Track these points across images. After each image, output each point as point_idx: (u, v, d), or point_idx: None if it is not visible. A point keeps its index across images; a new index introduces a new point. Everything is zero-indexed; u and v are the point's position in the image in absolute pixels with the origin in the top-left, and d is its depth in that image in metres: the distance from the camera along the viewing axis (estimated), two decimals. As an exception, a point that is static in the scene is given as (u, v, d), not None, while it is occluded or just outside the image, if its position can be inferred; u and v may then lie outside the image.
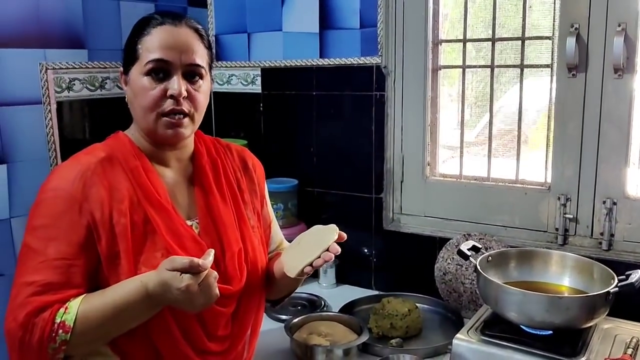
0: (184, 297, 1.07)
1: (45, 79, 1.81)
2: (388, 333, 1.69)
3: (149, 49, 1.19)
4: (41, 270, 1.11)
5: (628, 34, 1.63)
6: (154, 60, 1.19)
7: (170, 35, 1.20)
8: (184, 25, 1.23)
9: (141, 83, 1.20)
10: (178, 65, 1.20)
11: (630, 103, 1.66)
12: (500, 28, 1.88)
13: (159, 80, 1.19)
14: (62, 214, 1.14)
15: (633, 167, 1.70)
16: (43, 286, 1.10)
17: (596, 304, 1.36)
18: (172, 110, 1.20)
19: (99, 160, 1.20)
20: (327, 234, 1.27)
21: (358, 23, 2.04)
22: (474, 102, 1.99)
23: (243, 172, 1.43)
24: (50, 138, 1.82)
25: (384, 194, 2.09)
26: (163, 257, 1.14)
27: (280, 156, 2.31)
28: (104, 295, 1.12)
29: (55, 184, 1.17)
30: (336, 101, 2.14)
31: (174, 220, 1.22)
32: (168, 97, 1.19)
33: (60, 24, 1.85)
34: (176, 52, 1.20)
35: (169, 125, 1.21)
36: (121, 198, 1.17)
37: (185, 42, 1.21)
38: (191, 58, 1.22)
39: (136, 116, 1.25)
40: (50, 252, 1.12)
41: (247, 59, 2.33)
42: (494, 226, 1.91)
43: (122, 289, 1.11)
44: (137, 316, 1.13)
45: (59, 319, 1.08)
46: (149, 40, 1.20)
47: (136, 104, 1.22)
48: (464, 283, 1.85)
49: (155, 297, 1.09)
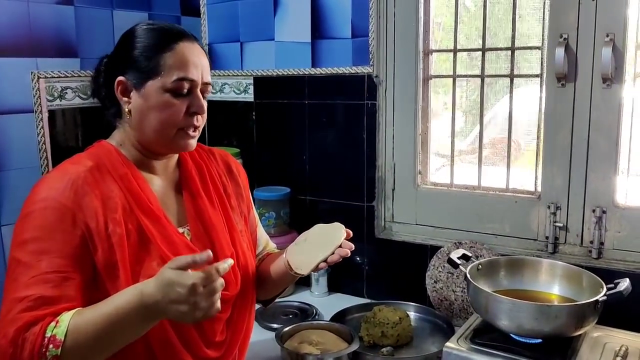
0: (185, 300, 1.00)
1: (37, 88, 1.81)
2: (379, 341, 1.69)
3: (175, 67, 1.19)
4: (33, 285, 1.07)
5: (616, 44, 1.64)
6: (182, 79, 1.19)
7: (192, 54, 1.22)
8: (196, 43, 1.25)
9: (163, 98, 1.19)
10: (199, 83, 1.23)
11: (619, 112, 1.68)
12: (492, 38, 1.89)
13: (180, 96, 1.20)
14: (54, 225, 1.10)
15: (622, 175, 1.71)
16: (35, 301, 1.05)
17: (585, 313, 1.37)
18: (192, 126, 1.23)
19: (88, 168, 1.18)
20: (334, 231, 1.28)
21: (350, 33, 2.06)
22: (468, 110, 2.00)
23: (228, 176, 1.43)
24: (41, 146, 1.82)
25: (376, 202, 2.09)
26: (159, 267, 1.11)
27: (272, 164, 2.31)
28: (97, 307, 1.06)
29: (44, 194, 1.13)
30: (328, 110, 2.15)
31: (167, 228, 1.22)
32: (190, 113, 1.22)
33: (52, 32, 1.85)
34: (199, 71, 1.22)
35: (186, 138, 1.23)
36: (114, 207, 1.16)
37: (203, 61, 1.24)
38: (208, 77, 1.26)
39: (146, 128, 1.22)
40: (43, 266, 1.08)
41: (239, 68, 2.33)
42: (484, 234, 1.92)
43: (117, 299, 1.06)
44: (130, 329, 1.06)
45: (50, 333, 1.02)
46: (173, 57, 1.20)
47: (153, 117, 1.20)
48: (455, 291, 1.85)
49: (151, 306, 1.02)
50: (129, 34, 1.25)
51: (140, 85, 1.20)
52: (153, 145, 1.25)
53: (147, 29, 1.23)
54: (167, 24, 1.26)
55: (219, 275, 1.04)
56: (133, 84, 1.21)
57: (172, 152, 1.29)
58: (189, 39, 1.24)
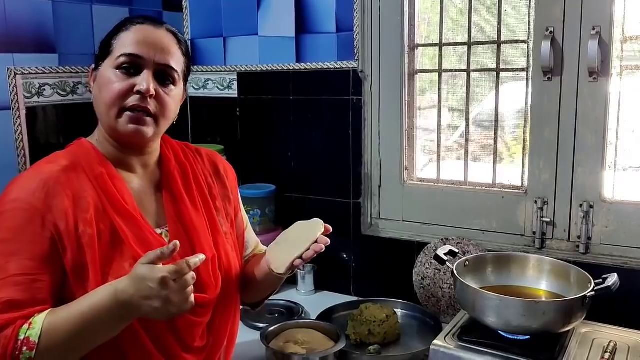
0: (157, 294, 1.00)
1: (14, 85, 1.76)
2: (366, 340, 1.68)
3: (124, 44, 1.17)
4: (2, 288, 1.04)
5: (602, 37, 1.63)
6: (126, 54, 1.16)
7: (148, 34, 1.19)
8: (164, 28, 1.22)
9: (110, 75, 1.16)
10: (151, 63, 1.17)
11: (606, 106, 1.67)
12: (478, 32, 1.87)
13: (128, 75, 1.16)
14: (23, 226, 1.08)
15: (609, 170, 1.70)
16: (4, 304, 1.03)
17: (573, 308, 1.36)
18: (136, 106, 1.16)
19: (62, 168, 1.15)
20: (312, 227, 1.26)
21: (334, 27, 2.03)
22: (455, 107, 1.98)
23: (215, 177, 1.40)
24: (19, 144, 1.78)
25: (362, 199, 2.07)
26: (131, 267, 1.09)
27: (257, 161, 2.28)
28: (70, 307, 1.05)
29: (15, 195, 1.10)
30: (313, 106, 2.12)
31: (142, 228, 1.18)
32: (135, 92, 1.16)
33: (29, 27, 1.81)
34: (151, 49, 1.17)
35: (131, 121, 1.16)
36: (86, 207, 1.13)
37: (162, 42, 1.20)
38: (165, 58, 1.19)
39: (100, 114, 1.20)
40: (12, 268, 1.05)
41: (223, 64, 2.30)
42: (471, 230, 1.91)
43: (91, 298, 1.05)
44: (105, 327, 1.05)
45: (23, 335, 1.01)
46: (125, 36, 1.18)
47: (100, 99, 1.18)
48: (442, 288, 1.84)
49: (125, 303, 1.02)
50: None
51: (98, 67, 1.20)
52: (109, 132, 1.21)
53: (121, 20, 1.23)
54: (144, 16, 1.25)
55: (189, 269, 1.03)
56: (95, 68, 1.21)
57: (124, 138, 1.20)
58: (153, 24, 1.21)
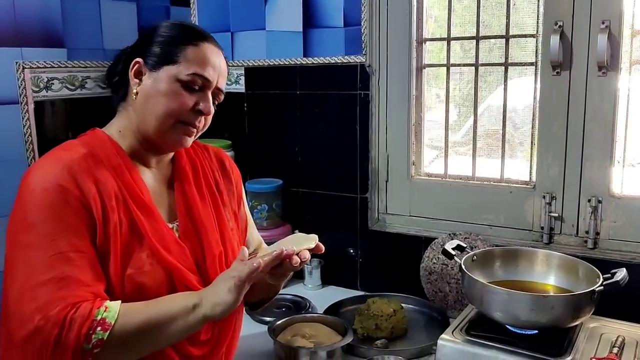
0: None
1: (23, 79, 1.77)
2: (373, 334, 1.68)
3: (195, 61, 1.20)
4: (56, 265, 1.03)
5: (612, 32, 1.62)
6: (198, 74, 1.20)
7: (216, 57, 1.24)
8: (221, 51, 1.28)
9: (173, 87, 1.19)
10: (212, 85, 1.23)
11: (615, 101, 1.66)
12: (486, 27, 1.86)
13: (191, 91, 1.20)
14: (61, 207, 1.06)
15: (618, 165, 1.69)
16: (64, 280, 1.02)
17: (581, 303, 1.35)
18: (193, 124, 1.22)
19: (82, 155, 1.14)
20: (305, 240, 1.24)
21: (342, 22, 2.03)
22: (462, 102, 1.98)
23: (221, 172, 1.42)
24: (27, 138, 1.78)
25: (369, 194, 2.07)
26: (148, 259, 1.13)
27: (264, 156, 2.28)
28: (147, 303, 1.10)
29: (41, 179, 1.08)
30: (320, 100, 2.12)
31: (158, 221, 1.20)
32: (196, 110, 1.21)
33: (37, 22, 1.81)
34: (216, 74, 1.23)
35: (183, 133, 1.22)
36: (109, 195, 1.13)
37: (223, 68, 1.26)
38: (222, 84, 1.27)
39: (148, 113, 1.20)
40: (61, 245, 1.04)
41: (230, 59, 2.30)
42: (479, 225, 1.90)
43: (170, 299, 1.11)
44: (178, 323, 1.09)
45: (99, 316, 1.01)
46: (196, 52, 1.21)
47: (158, 102, 1.19)
48: (449, 283, 1.84)
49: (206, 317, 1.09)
50: (154, 26, 1.27)
51: (156, 68, 1.21)
52: (150, 134, 1.22)
53: (175, 24, 1.26)
54: (197, 26, 1.31)
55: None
56: (149, 66, 1.21)
57: (165, 145, 1.25)
58: (216, 44, 1.26)
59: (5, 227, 1.11)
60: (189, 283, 1.18)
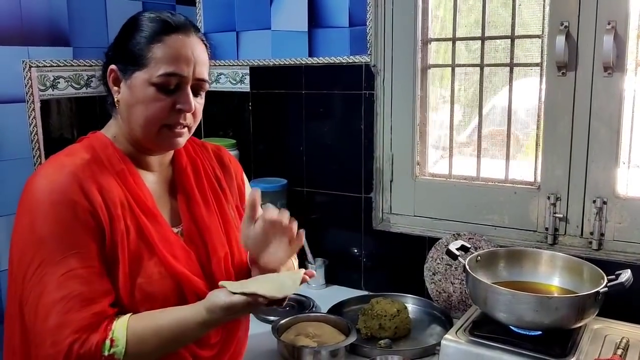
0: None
1: (29, 77, 1.78)
2: (377, 334, 1.68)
3: (163, 60, 1.13)
4: (67, 284, 1.04)
5: (618, 32, 1.62)
6: (168, 74, 1.13)
7: (185, 47, 1.15)
8: (194, 35, 1.18)
9: (148, 92, 1.14)
10: (189, 79, 1.16)
11: (620, 102, 1.65)
12: (491, 27, 1.86)
13: (167, 92, 1.14)
14: (70, 220, 1.06)
15: (623, 166, 1.69)
16: (75, 298, 1.03)
17: (586, 304, 1.35)
18: (177, 124, 1.17)
19: (85, 162, 1.13)
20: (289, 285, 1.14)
21: (347, 21, 2.03)
22: (467, 103, 1.97)
23: (221, 168, 1.40)
24: (34, 137, 1.79)
25: (374, 194, 2.07)
26: (157, 267, 1.12)
27: (269, 156, 2.29)
28: (156, 329, 1.09)
29: (48, 188, 1.07)
30: (325, 100, 2.12)
31: (164, 227, 1.19)
32: (176, 110, 1.16)
33: (44, 21, 1.82)
34: (189, 66, 1.15)
35: (171, 136, 1.18)
36: (115, 202, 1.12)
37: (196, 54, 1.17)
38: (201, 72, 1.18)
39: (132, 122, 1.17)
40: (73, 262, 1.05)
41: (235, 58, 2.30)
42: (483, 226, 1.90)
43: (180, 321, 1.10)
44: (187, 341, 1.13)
45: (107, 352, 1.03)
46: (162, 49, 1.13)
47: (137, 111, 1.15)
48: (453, 283, 1.83)
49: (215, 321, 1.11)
50: (128, 22, 1.20)
51: (128, 75, 1.16)
52: (140, 140, 1.20)
53: (146, 18, 1.17)
54: (168, 14, 1.18)
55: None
56: (122, 74, 1.17)
57: (158, 148, 1.22)
58: (185, 32, 1.16)
59: (10, 224, 1.12)
60: (198, 290, 1.17)
